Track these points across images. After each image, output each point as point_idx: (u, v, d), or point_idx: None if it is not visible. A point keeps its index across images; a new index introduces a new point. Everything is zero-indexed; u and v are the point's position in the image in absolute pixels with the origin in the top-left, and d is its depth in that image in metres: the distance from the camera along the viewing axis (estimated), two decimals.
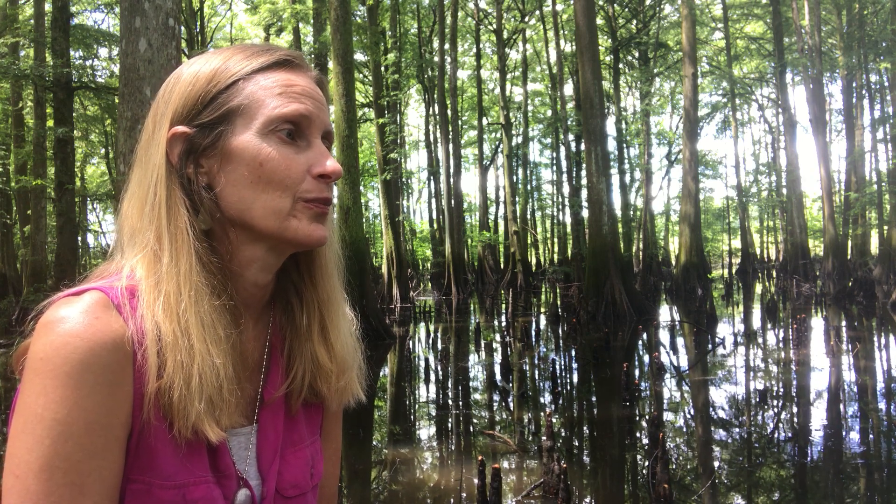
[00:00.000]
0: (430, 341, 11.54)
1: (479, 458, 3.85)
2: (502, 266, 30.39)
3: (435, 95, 25.41)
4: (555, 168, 30.43)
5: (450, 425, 6.09)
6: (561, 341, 11.36)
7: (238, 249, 0.72)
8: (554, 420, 6.10)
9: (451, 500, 4.25)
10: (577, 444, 5.60)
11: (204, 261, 0.69)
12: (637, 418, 6.09)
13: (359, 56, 23.07)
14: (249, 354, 0.76)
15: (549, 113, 31.08)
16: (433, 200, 32.13)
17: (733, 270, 32.36)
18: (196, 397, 0.64)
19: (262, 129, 0.69)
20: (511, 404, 6.91)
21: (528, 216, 35.25)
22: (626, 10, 24.89)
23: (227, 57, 0.72)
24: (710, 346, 9.84)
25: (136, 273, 0.67)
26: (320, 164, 0.71)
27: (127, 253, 0.70)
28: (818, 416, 6.04)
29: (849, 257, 23.05)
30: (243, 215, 0.69)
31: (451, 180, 22.75)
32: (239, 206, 0.69)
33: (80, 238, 20.50)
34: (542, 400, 6.99)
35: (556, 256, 35.53)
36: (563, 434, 5.73)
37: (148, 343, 0.63)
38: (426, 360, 8.45)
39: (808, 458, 4.90)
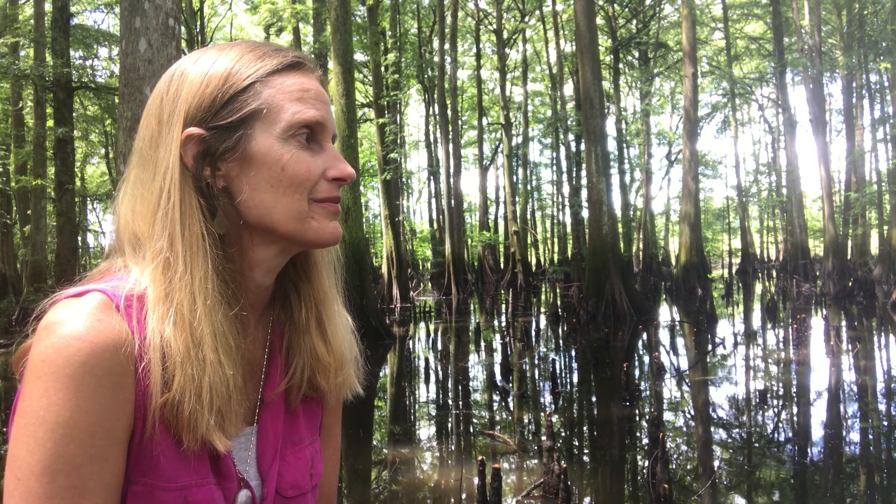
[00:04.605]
0: (430, 341, 11.54)
1: (480, 458, 3.85)
2: (502, 266, 30.39)
3: (435, 95, 25.41)
4: (555, 168, 30.44)
5: (450, 425, 6.09)
6: (561, 341, 11.35)
7: (249, 253, 0.72)
8: (554, 420, 6.10)
9: (451, 500, 4.25)
10: (577, 444, 5.60)
11: (219, 269, 0.68)
12: (637, 418, 6.09)
13: (359, 56, 23.06)
14: (252, 357, 0.76)
15: (549, 113, 31.08)
16: (433, 200, 32.18)
17: (733, 270, 32.32)
18: (206, 409, 0.63)
19: (283, 133, 0.69)
20: (511, 404, 6.91)
21: (528, 216, 35.28)
22: (626, 10, 24.87)
23: (236, 56, 0.71)
24: (710, 346, 9.84)
25: (143, 281, 0.66)
26: (336, 168, 0.72)
27: (133, 259, 0.68)
28: (818, 416, 6.05)
29: (849, 257, 23.06)
30: (264, 219, 0.69)
31: (451, 180, 22.75)
32: (260, 211, 0.69)
33: (80, 238, 20.48)
34: (542, 400, 6.99)
35: (556, 256, 35.55)
36: (563, 434, 5.73)
37: (153, 355, 0.62)
38: (426, 360, 8.45)
39: (808, 458, 4.90)
